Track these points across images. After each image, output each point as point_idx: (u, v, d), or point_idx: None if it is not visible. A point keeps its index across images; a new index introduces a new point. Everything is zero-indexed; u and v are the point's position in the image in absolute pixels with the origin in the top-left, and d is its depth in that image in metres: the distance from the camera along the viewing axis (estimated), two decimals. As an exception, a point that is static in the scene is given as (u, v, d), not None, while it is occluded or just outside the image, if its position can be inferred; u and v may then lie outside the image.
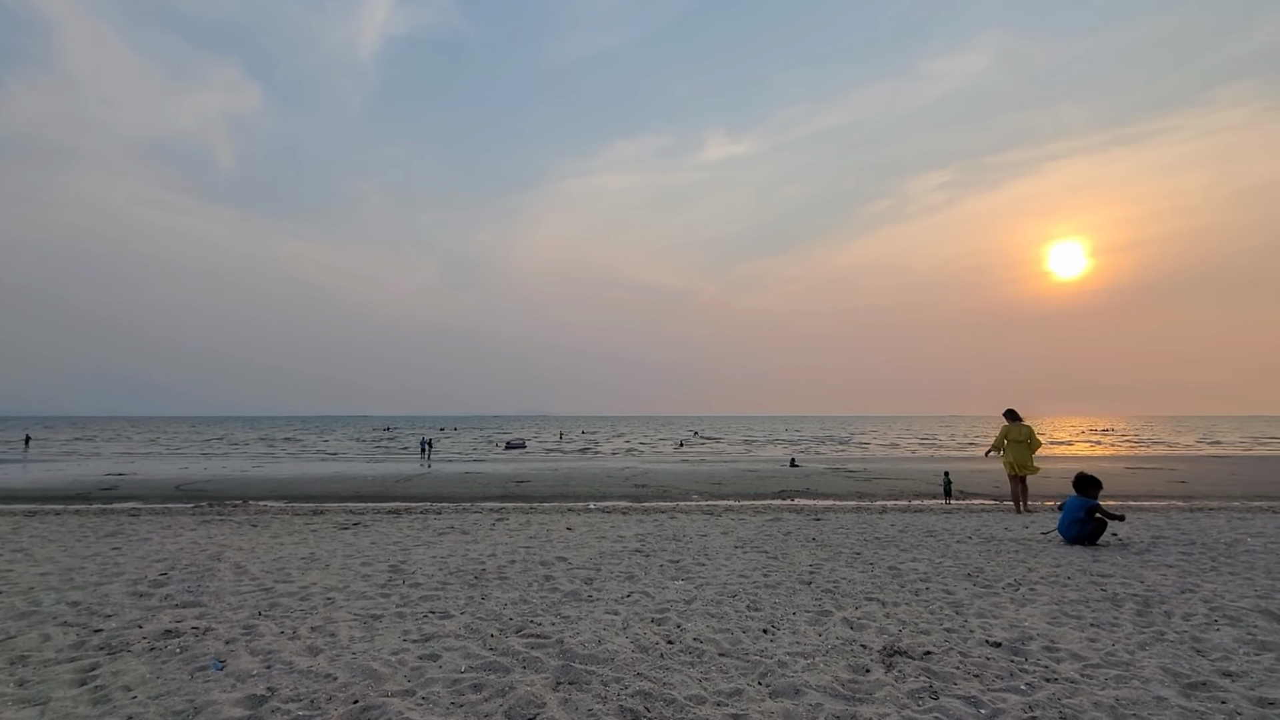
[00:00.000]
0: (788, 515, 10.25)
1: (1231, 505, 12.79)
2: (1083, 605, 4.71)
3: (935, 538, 7.64)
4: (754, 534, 7.95)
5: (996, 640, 3.95)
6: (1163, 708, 3.06)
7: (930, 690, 3.25)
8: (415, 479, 21.43)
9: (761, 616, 4.47)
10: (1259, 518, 9.66)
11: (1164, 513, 10.49)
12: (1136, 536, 7.56)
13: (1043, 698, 3.16)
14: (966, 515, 10.25)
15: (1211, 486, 18.53)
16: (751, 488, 18.17)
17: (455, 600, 4.93)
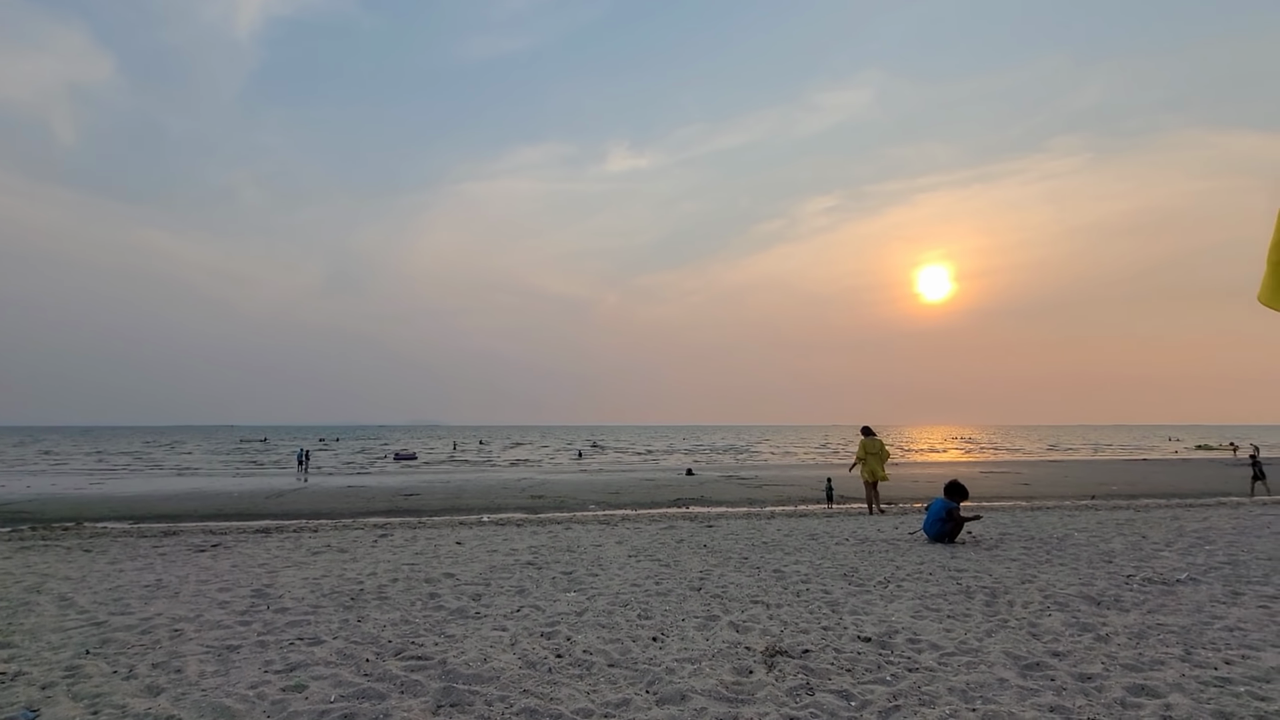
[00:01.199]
0: (682, 523, 10.45)
1: (1064, 504, 14.54)
2: (941, 599, 5.15)
3: (816, 540, 8.08)
4: (648, 543, 8.03)
5: (867, 635, 4.22)
6: (1004, 688, 3.39)
7: (807, 687, 3.41)
8: (290, 494, 19.79)
9: (652, 624, 4.51)
10: (1084, 514, 11.05)
11: (1010, 512, 11.73)
12: (987, 534, 8.39)
13: (905, 686, 3.40)
14: (845, 519, 10.93)
15: (1049, 487, 20.96)
16: (648, 497, 18.37)
17: (328, 624, 4.58)
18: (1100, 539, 8.05)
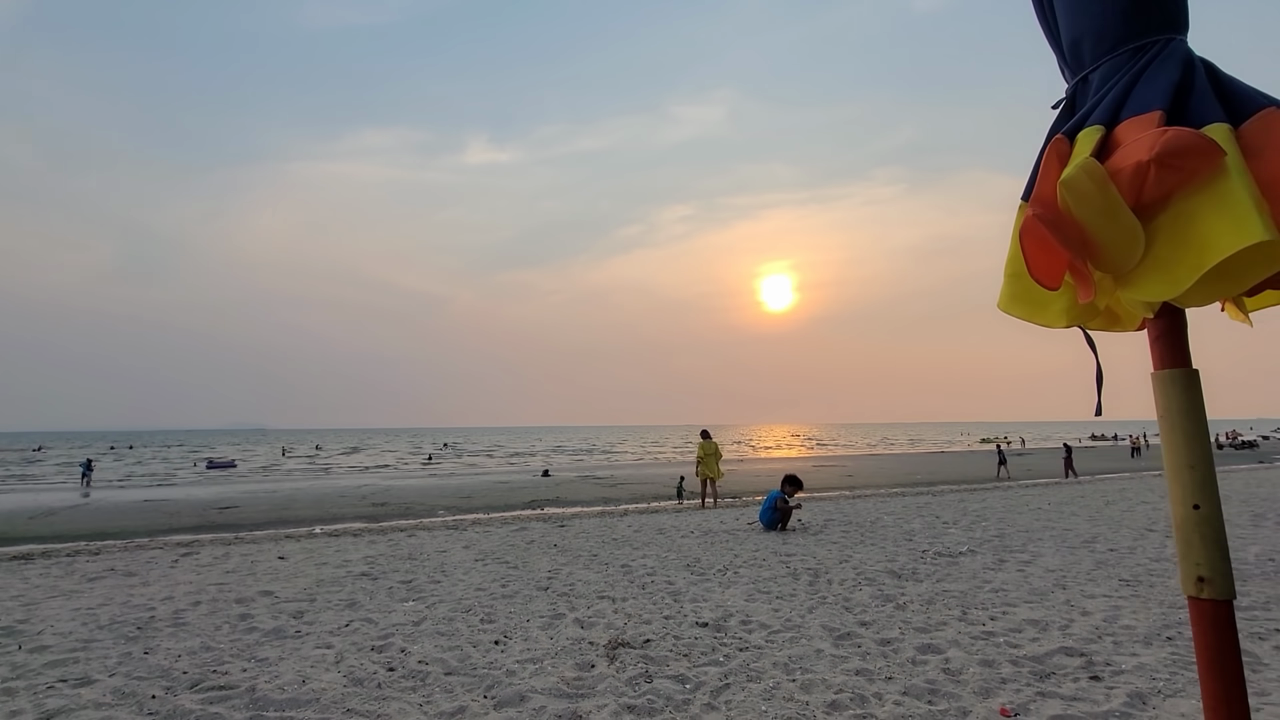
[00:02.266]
0: (534, 524, 10.30)
1: (880, 492, 16.40)
2: (772, 582, 5.55)
3: (664, 535, 8.37)
4: (497, 545, 7.81)
5: (704, 621, 4.43)
6: (820, 658, 3.73)
7: (646, 675, 3.50)
8: (65, 512, 16.68)
9: (495, 628, 4.38)
10: (893, 500, 12.54)
11: (835, 500, 13.01)
12: (815, 521, 9.23)
13: (735, 665, 3.61)
14: (693, 514, 11.44)
15: (869, 478, 23.55)
16: (502, 500, 17.91)
17: (103, 661, 3.89)
18: (904, 520, 9.18)
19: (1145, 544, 7.06)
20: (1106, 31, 1.18)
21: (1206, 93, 1.05)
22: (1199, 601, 1.07)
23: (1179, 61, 1.09)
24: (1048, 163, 1.12)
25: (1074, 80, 1.26)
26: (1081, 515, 9.51)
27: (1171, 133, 0.96)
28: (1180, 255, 1.01)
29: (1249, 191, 0.94)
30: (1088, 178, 1.02)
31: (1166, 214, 1.03)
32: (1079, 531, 7.98)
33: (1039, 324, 1.34)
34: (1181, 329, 1.12)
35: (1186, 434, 1.08)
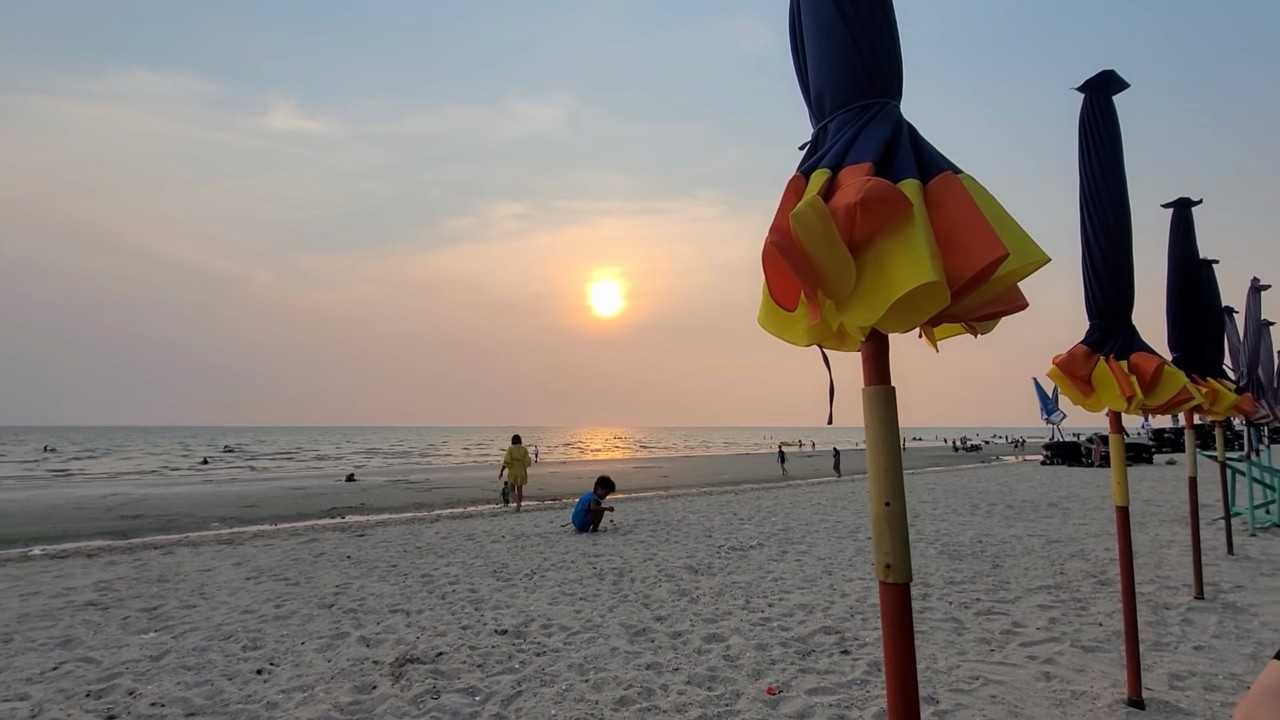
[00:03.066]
0: (329, 534, 9.36)
1: (690, 491, 17.44)
2: (577, 584, 5.62)
3: (474, 540, 8.08)
4: (278, 560, 6.95)
5: (504, 628, 4.34)
6: (615, 656, 3.83)
7: (434, 691, 3.32)
8: None
9: (260, 655, 3.87)
10: (700, 499, 13.43)
11: (649, 501, 13.58)
12: (627, 521, 9.54)
13: (531, 671, 3.57)
14: (509, 517, 11.21)
15: (682, 479, 24.96)
16: (294, 508, 16.02)
17: None
18: (707, 518, 9.87)
19: (894, 532, 8.32)
20: (841, 89, 1.35)
21: (907, 152, 1.24)
22: (885, 585, 1.24)
23: (891, 123, 1.28)
24: (786, 197, 1.25)
25: (817, 127, 1.42)
26: (850, 509, 10.97)
27: (874, 182, 1.11)
28: (877, 288, 1.18)
29: (927, 239, 1.12)
30: (814, 213, 1.15)
31: (870, 251, 1.20)
32: (846, 523, 9.19)
33: (787, 340, 1.48)
34: (884, 351, 1.30)
35: (883, 441, 1.26)
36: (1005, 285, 1.15)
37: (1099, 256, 3.23)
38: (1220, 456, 7.36)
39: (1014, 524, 9.04)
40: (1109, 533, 8.14)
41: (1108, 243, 3.20)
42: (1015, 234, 1.13)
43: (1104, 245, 3.20)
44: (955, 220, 1.14)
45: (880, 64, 1.34)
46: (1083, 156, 3.32)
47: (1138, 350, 3.15)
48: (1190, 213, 5.36)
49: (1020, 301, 1.22)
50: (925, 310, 1.14)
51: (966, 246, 1.11)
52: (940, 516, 9.92)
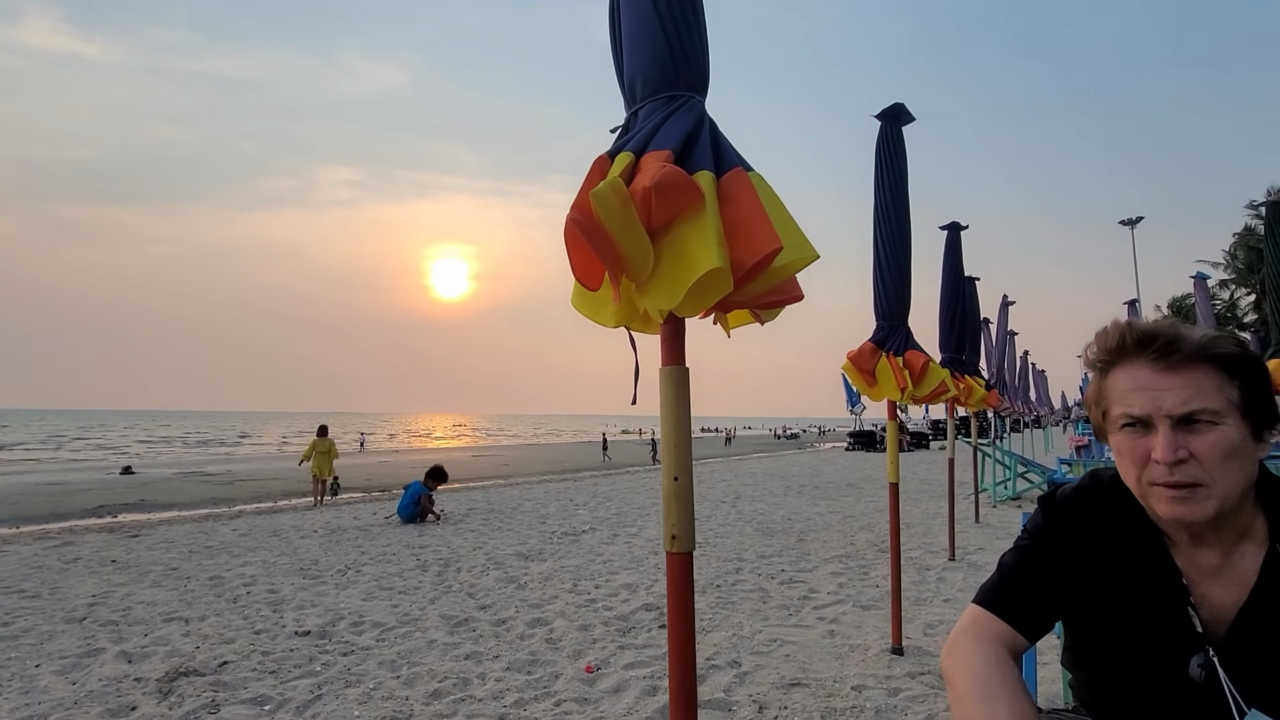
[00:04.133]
0: (91, 537, 7.91)
1: (530, 480, 17.29)
2: (398, 577, 5.31)
3: (279, 537, 7.31)
4: (11, 570, 5.72)
5: (306, 629, 3.97)
6: (432, 648, 3.67)
7: (212, 704, 2.94)
8: None
9: (-25, 685, 3.16)
10: (539, 487, 13.38)
11: (486, 490, 13.24)
12: (458, 511, 9.21)
13: (334, 673, 3.31)
14: (326, 510, 10.30)
15: (523, 467, 24.65)
16: (47, 507, 13.34)
17: None
18: (542, 505, 9.85)
19: (718, 514, 8.93)
20: (651, 79, 1.38)
21: (706, 145, 1.30)
22: (671, 554, 1.31)
23: (694, 116, 1.34)
24: (591, 176, 1.25)
25: (629, 112, 1.44)
26: (681, 493, 11.57)
27: (669, 169, 1.16)
28: (676, 273, 1.23)
29: (716, 228, 1.18)
30: (614, 194, 1.17)
31: (669, 237, 1.25)
32: (676, 506, 9.68)
33: (597, 322, 1.50)
34: (680, 334, 1.36)
35: (675, 420, 1.32)
36: (782, 276, 1.26)
37: (885, 266, 3.69)
38: (974, 442, 8.85)
39: (818, 503, 10.13)
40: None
41: (892, 255, 3.67)
42: (791, 231, 1.24)
43: (889, 257, 3.67)
44: (741, 213, 1.22)
45: (689, 61, 1.39)
46: (877, 177, 3.77)
47: (911, 349, 3.66)
48: (960, 235, 6.34)
49: (797, 293, 1.34)
50: (711, 295, 1.21)
51: (749, 238, 1.19)
52: (759, 498, 10.83)
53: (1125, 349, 0.97)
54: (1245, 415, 0.92)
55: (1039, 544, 1.09)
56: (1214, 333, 0.94)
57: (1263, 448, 0.95)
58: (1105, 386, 1.00)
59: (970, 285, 7.72)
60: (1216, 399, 0.91)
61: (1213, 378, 0.91)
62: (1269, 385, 0.94)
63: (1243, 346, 0.94)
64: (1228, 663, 0.96)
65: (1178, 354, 0.92)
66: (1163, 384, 0.92)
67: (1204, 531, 0.97)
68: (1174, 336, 0.92)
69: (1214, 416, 0.90)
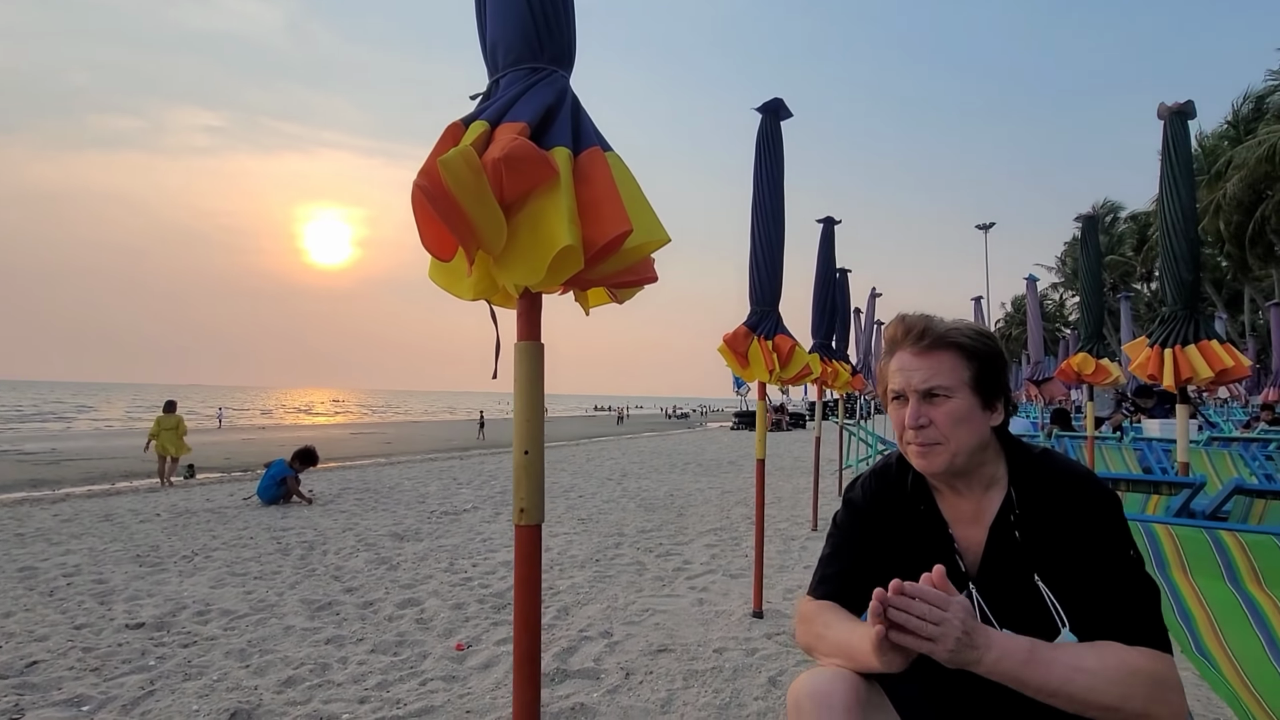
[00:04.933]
0: None
1: (414, 459, 16.60)
2: (254, 562, 4.94)
3: (112, 521, 6.55)
4: None
5: (140, 622, 3.61)
6: (289, 635, 3.47)
7: (15, 709, 2.61)
8: None
9: None
10: (421, 465, 12.89)
11: (365, 468, 12.57)
12: (328, 491, 8.69)
13: (170, 667, 3.04)
14: (175, 491, 9.34)
15: (407, 445, 23.60)
16: None
17: None
18: (423, 484, 9.52)
19: (604, 491, 9.07)
20: (513, 48, 1.36)
21: (566, 122, 1.30)
22: (520, 527, 1.32)
23: (556, 91, 1.33)
24: (442, 142, 1.22)
25: (491, 80, 1.41)
26: (567, 471, 11.63)
27: (520, 142, 1.15)
28: (534, 248, 1.23)
29: (569, 205, 1.19)
30: (464, 162, 1.14)
31: (525, 212, 1.24)
32: (561, 484, 9.72)
33: (455, 295, 1.46)
34: (536, 310, 1.37)
35: (528, 394, 1.33)
36: (635, 258, 1.29)
37: (760, 254, 3.88)
38: (840, 421, 9.58)
39: (700, 479, 10.57)
40: (768, 485, 10.02)
41: (766, 244, 3.86)
42: (644, 214, 1.28)
43: (764, 245, 3.86)
44: (595, 193, 1.24)
45: (553, 33, 1.38)
46: (756, 169, 3.93)
47: (780, 333, 3.88)
48: (833, 229, 6.77)
49: (651, 274, 1.38)
50: (564, 272, 1.23)
51: (601, 218, 1.21)
52: (644, 475, 11.11)
53: (897, 339, 1.17)
54: (976, 390, 1.13)
55: (843, 533, 1.29)
56: (957, 325, 1.15)
57: (994, 415, 1.16)
58: (885, 368, 1.20)
59: (842, 277, 8.30)
60: (951, 377, 1.12)
61: (951, 360, 1.12)
62: (1001, 367, 1.17)
63: (979, 337, 1.15)
64: (984, 593, 1.17)
65: (926, 341, 1.13)
66: (915, 365, 1.13)
67: (955, 483, 1.18)
68: (925, 328, 1.14)
69: (948, 391, 1.11)
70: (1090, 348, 6.11)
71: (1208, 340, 4.01)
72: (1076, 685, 1.00)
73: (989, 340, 1.17)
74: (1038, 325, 10.87)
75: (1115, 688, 0.99)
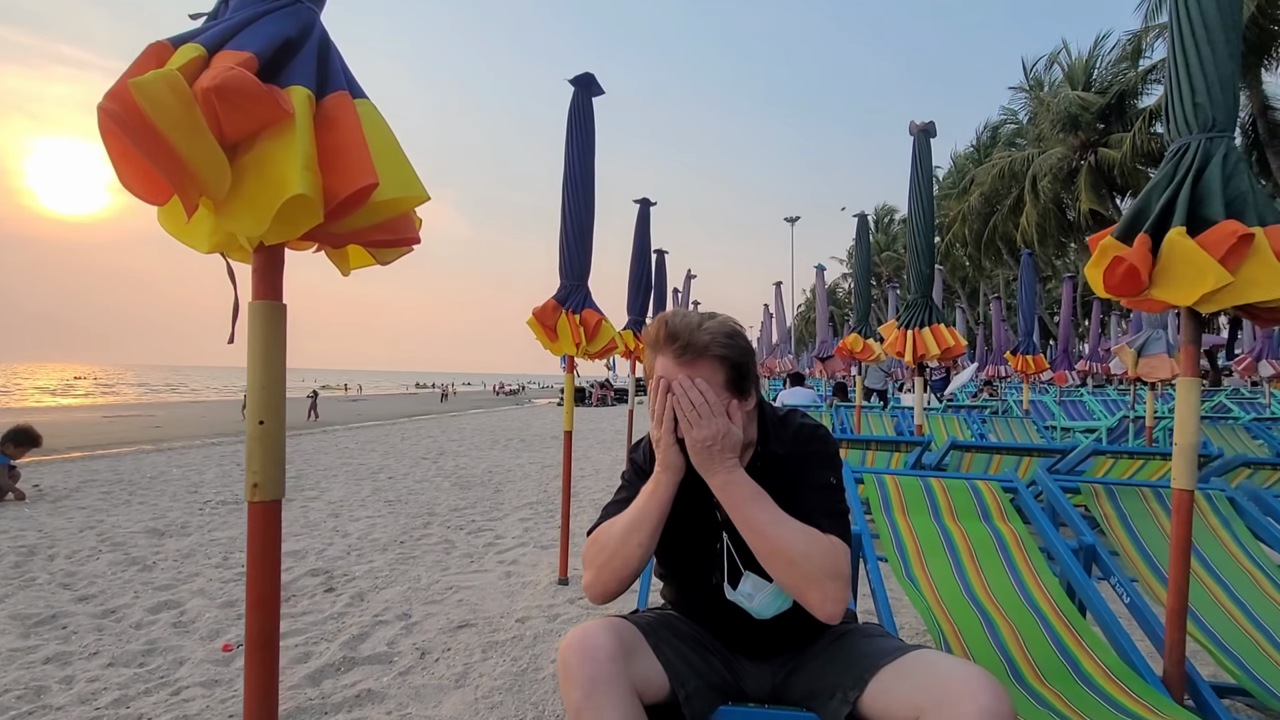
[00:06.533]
0: None
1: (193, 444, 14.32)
2: (-57, 575, 3.96)
3: None
4: None
5: None
6: (-9, 659, 2.85)
7: None
8: None
9: None
10: (197, 451, 11.21)
11: (117, 457, 10.59)
12: (64, 485, 7.20)
13: None
14: None
15: (183, 429, 20.28)
16: None
17: None
18: (199, 471, 8.31)
19: (416, 471, 8.63)
20: (247, -35, 1.19)
21: (309, 60, 1.18)
22: (253, 504, 1.21)
23: (300, 23, 1.20)
24: (139, 63, 1.04)
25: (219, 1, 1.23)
26: (379, 451, 10.88)
27: (236, 72, 1.02)
28: (262, 195, 1.10)
29: (305, 151, 1.09)
30: (166, 87, 0.99)
31: (252, 154, 1.11)
32: (370, 465, 9.08)
33: (189, 245, 1.27)
34: (275, 265, 1.24)
35: (265, 359, 1.21)
36: (387, 214, 1.22)
37: (570, 228, 3.90)
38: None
39: (522, 455, 10.51)
40: (588, 457, 10.26)
41: (577, 218, 3.89)
42: (397, 167, 1.20)
43: (574, 219, 3.89)
44: (340, 140, 1.14)
45: (299, -44, 1.23)
46: (568, 142, 3.93)
47: (588, 307, 3.96)
48: (649, 210, 7.04)
49: (411, 234, 1.32)
50: (299, 223, 1.12)
51: (344, 168, 1.13)
52: (463, 453, 10.78)
53: (660, 342, 1.29)
54: (732, 390, 1.30)
55: (629, 487, 1.44)
56: (714, 335, 1.28)
57: (747, 402, 1.35)
58: (650, 363, 1.32)
59: (659, 257, 8.68)
60: (712, 385, 1.27)
61: (710, 368, 1.27)
62: (750, 361, 1.34)
63: (731, 342, 1.30)
64: (734, 539, 1.34)
65: (691, 354, 1.27)
66: (679, 373, 1.27)
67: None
68: (689, 342, 1.26)
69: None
70: (860, 329, 7.08)
71: (937, 324, 4.85)
72: (776, 530, 1.25)
73: (739, 340, 1.33)
74: (825, 309, 12.34)
75: (802, 546, 1.24)
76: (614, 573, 1.32)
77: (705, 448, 1.25)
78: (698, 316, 1.32)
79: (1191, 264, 1.75)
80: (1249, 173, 1.84)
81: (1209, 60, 1.78)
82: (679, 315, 1.31)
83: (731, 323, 1.34)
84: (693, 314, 1.32)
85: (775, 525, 1.26)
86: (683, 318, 1.30)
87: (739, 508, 1.27)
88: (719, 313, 1.37)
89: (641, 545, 1.31)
